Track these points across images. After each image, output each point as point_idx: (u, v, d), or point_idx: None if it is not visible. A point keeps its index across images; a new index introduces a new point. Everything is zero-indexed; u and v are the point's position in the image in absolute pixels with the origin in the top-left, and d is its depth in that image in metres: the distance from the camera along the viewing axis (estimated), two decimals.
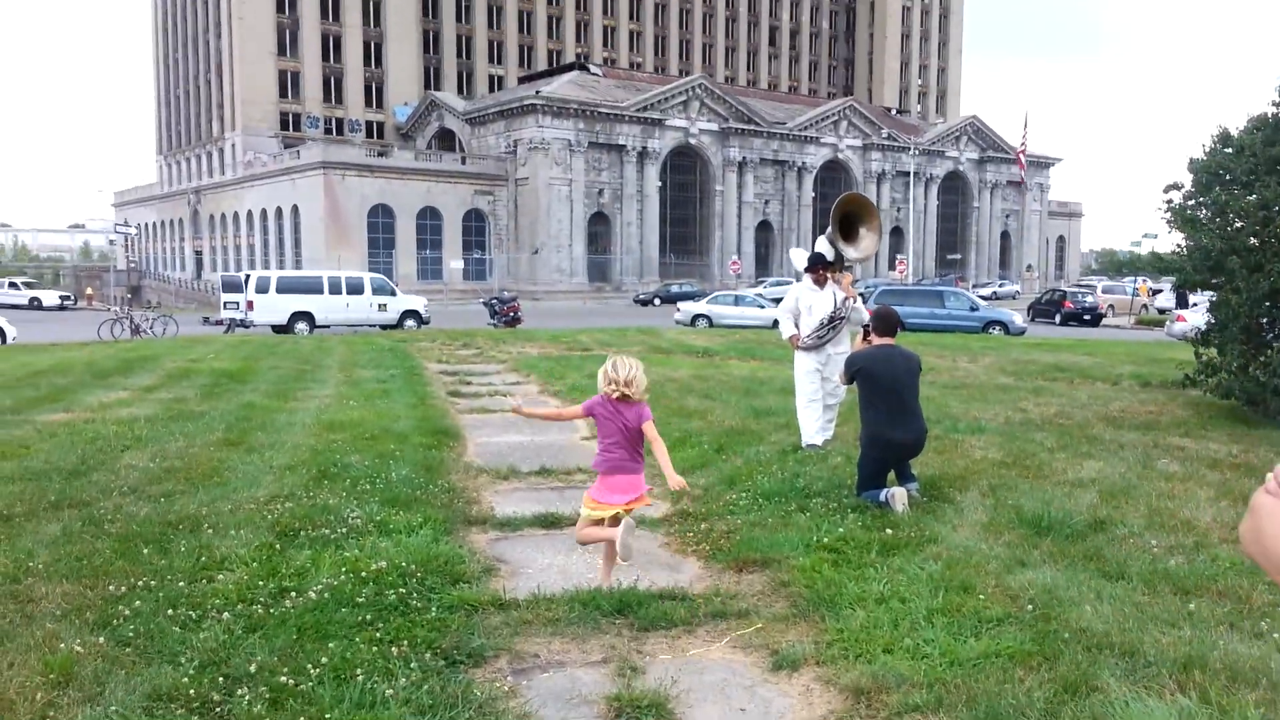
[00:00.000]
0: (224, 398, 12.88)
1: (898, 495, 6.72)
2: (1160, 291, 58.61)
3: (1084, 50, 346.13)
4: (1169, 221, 12.20)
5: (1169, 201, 12.42)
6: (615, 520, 5.16)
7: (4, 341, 27.25)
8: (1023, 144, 71.17)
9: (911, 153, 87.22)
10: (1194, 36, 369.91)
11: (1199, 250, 11.34)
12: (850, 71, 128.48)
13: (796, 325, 9.70)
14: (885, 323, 7.47)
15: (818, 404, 9.48)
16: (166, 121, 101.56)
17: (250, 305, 30.91)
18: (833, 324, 9.42)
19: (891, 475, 7.16)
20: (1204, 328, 12.77)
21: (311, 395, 13.22)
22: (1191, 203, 12.00)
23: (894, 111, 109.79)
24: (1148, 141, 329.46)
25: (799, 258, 9.97)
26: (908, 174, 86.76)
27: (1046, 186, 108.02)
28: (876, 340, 7.45)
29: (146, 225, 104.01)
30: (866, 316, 9.25)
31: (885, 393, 7.06)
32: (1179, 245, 12.63)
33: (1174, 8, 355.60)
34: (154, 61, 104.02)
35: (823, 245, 9.68)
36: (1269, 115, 11.24)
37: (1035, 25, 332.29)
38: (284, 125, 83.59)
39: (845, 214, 9.62)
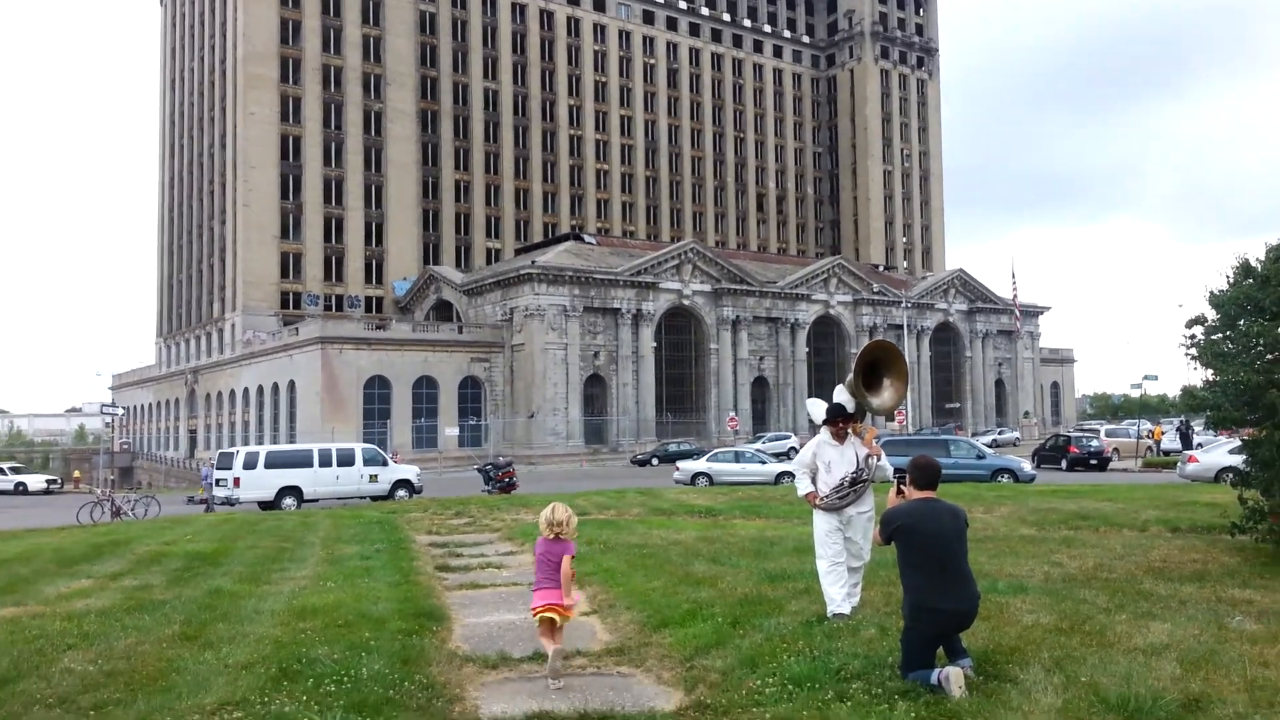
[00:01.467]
0: (192, 583, 11.87)
1: (953, 676, 5.73)
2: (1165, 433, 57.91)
3: (1060, 205, 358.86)
4: (1195, 357, 11.57)
5: (1192, 337, 11.85)
6: (551, 626, 7.10)
7: None
8: (1014, 294, 72.12)
9: (902, 306, 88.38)
10: (1162, 191, 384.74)
11: (1233, 385, 10.66)
12: (837, 232, 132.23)
13: (814, 482, 8.89)
14: (925, 473, 6.61)
15: (841, 568, 8.57)
16: (167, 305, 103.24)
17: (237, 482, 30.01)
18: (854, 485, 8.62)
19: (940, 650, 6.18)
20: (1243, 468, 11.96)
21: (287, 577, 12.22)
22: (1217, 336, 11.41)
23: (881, 268, 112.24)
24: (1128, 288, 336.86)
25: (816, 409, 9.21)
26: (899, 327, 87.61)
27: (1037, 334, 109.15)
28: (914, 493, 6.57)
29: (143, 407, 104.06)
30: (890, 473, 8.46)
31: (930, 555, 6.16)
32: (1206, 381, 11.96)
33: (1140, 169, 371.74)
34: (158, 249, 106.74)
35: (842, 395, 8.95)
36: None
37: (1011, 184, 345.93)
38: (284, 304, 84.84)
39: (871, 361, 8.93)
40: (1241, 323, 10.98)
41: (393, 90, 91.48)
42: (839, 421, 8.79)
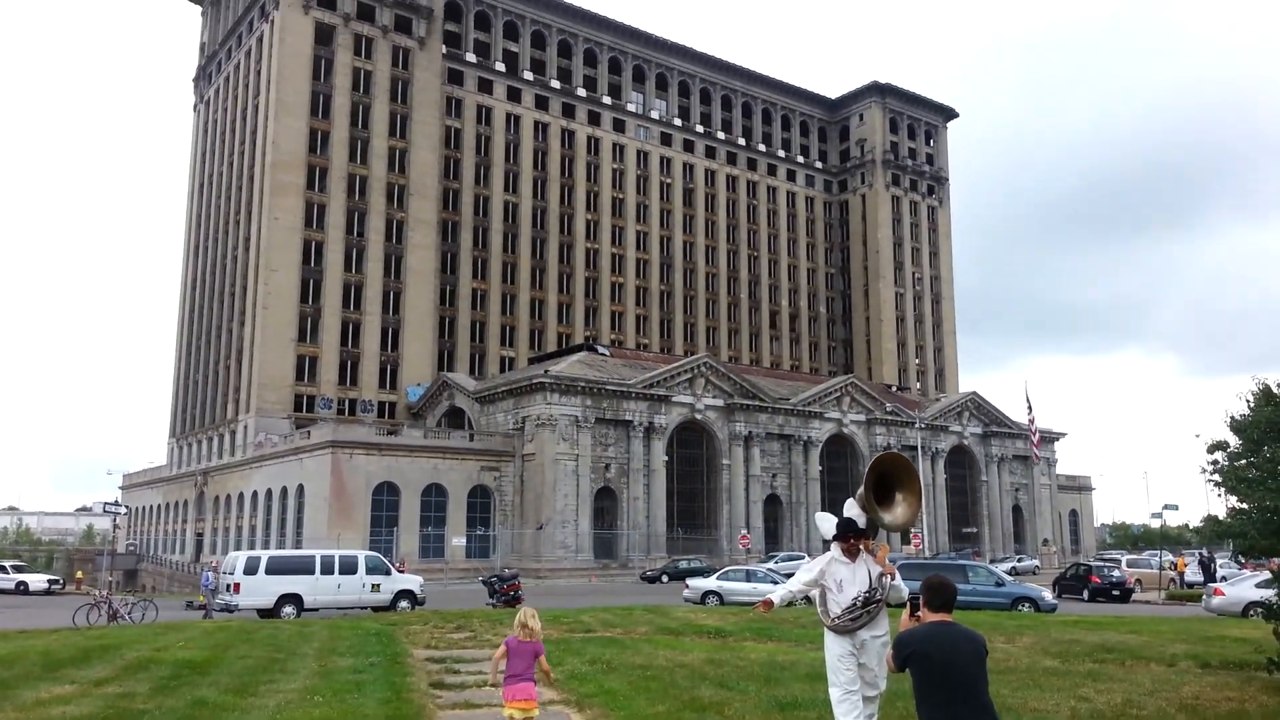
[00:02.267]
0: (177, 693, 11.40)
1: None
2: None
3: (1070, 334, 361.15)
4: (1219, 483, 11.24)
5: (1214, 462, 11.54)
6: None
7: None
8: (1030, 419, 71.59)
9: (916, 427, 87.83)
10: (1166, 321, 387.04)
11: (1260, 512, 10.30)
12: (849, 351, 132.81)
13: (825, 603, 8.50)
14: (940, 595, 6.18)
15: (855, 696, 8.10)
16: (182, 405, 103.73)
17: (236, 588, 29.39)
18: (867, 606, 8.22)
19: None
20: (1274, 601, 11.47)
21: (276, 689, 11.73)
22: (1241, 462, 11.10)
23: (894, 388, 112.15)
24: (1140, 418, 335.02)
25: (826, 524, 8.90)
26: (914, 448, 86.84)
27: (1053, 461, 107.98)
28: (929, 616, 6.15)
29: (152, 508, 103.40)
30: (905, 594, 8.08)
31: (946, 683, 5.74)
32: (1231, 509, 11.58)
33: (1149, 301, 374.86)
34: (176, 348, 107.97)
35: (853, 509, 8.65)
36: None
37: (1021, 312, 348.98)
38: (298, 407, 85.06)
39: (880, 475, 8.65)
40: (1266, 449, 10.68)
41: (415, 200, 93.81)
42: (850, 538, 8.46)
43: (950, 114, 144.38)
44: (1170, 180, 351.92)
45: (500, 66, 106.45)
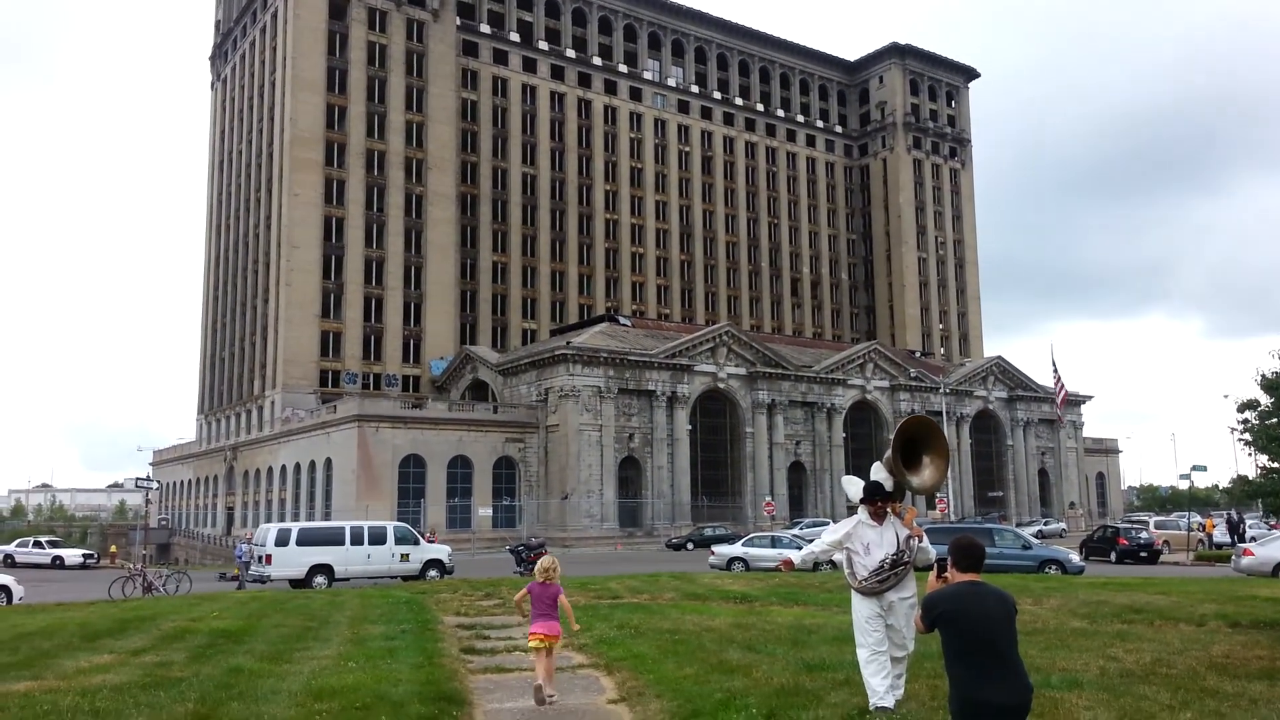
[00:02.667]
0: (213, 660, 11.60)
1: None
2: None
3: (1094, 297, 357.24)
4: (1249, 442, 11.11)
5: (1245, 422, 11.40)
6: (548, 652, 9.41)
7: (9, 601, 26.12)
8: (1056, 381, 70.92)
9: (940, 393, 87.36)
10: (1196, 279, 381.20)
11: None
12: (872, 318, 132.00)
13: (850, 565, 8.50)
14: (968, 555, 6.13)
15: (883, 656, 8.12)
16: (209, 382, 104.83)
17: (268, 559, 29.81)
18: (895, 568, 8.21)
19: None
20: None
21: (310, 656, 11.91)
22: (1272, 421, 10.96)
23: (918, 354, 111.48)
24: (1166, 380, 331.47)
25: (853, 487, 8.87)
26: (938, 413, 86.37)
27: (1080, 424, 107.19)
28: (958, 576, 6.12)
29: (183, 483, 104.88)
30: (933, 556, 8.05)
31: (976, 643, 5.72)
32: (1262, 468, 11.45)
33: (1173, 263, 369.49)
34: (202, 326, 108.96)
35: (880, 473, 8.62)
36: None
37: (1044, 275, 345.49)
38: (323, 382, 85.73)
39: (908, 439, 8.61)
40: None
41: (433, 174, 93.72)
42: (877, 501, 8.44)
43: (971, 74, 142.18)
44: (1193, 138, 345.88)
45: (515, 37, 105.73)
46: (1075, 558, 33.04)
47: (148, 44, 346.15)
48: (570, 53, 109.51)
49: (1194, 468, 49.56)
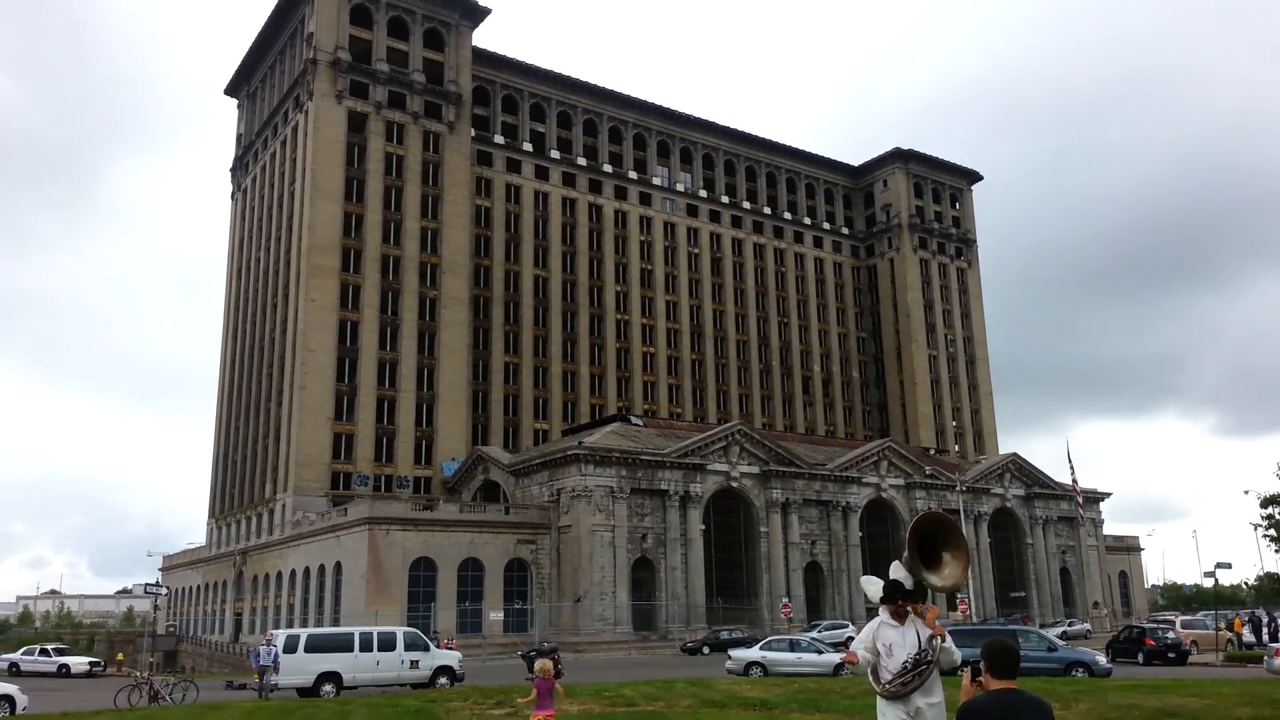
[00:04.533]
0: None
1: None
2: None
3: (1107, 394, 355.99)
4: (1275, 538, 10.97)
5: (1269, 517, 11.28)
6: None
7: (13, 711, 25.64)
8: (1073, 479, 70.29)
9: (956, 490, 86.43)
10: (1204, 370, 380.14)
11: None
12: (884, 415, 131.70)
13: (874, 670, 8.33)
14: (1003, 659, 5.88)
15: None
16: (221, 486, 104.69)
17: (276, 667, 29.26)
18: (918, 668, 8.02)
19: None
20: None
21: None
22: None
23: (932, 451, 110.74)
24: (1182, 477, 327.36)
25: (872, 587, 8.76)
26: (955, 511, 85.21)
27: (1099, 521, 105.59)
28: (992, 683, 5.88)
29: (192, 589, 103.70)
30: (958, 657, 7.91)
31: None
32: None
33: (1185, 359, 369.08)
34: (215, 430, 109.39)
35: (898, 572, 8.53)
36: None
37: (1056, 372, 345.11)
38: (335, 484, 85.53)
39: (924, 536, 8.55)
40: None
41: (447, 278, 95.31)
42: (898, 599, 8.32)
43: (975, 177, 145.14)
44: (1199, 234, 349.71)
45: (528, 146, 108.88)
46: (1102, 659, 32.25)
47: (174, 154, 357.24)
48: (581, 160, 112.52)
49: (1218, 565, 48.53)
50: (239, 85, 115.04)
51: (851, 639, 56.06)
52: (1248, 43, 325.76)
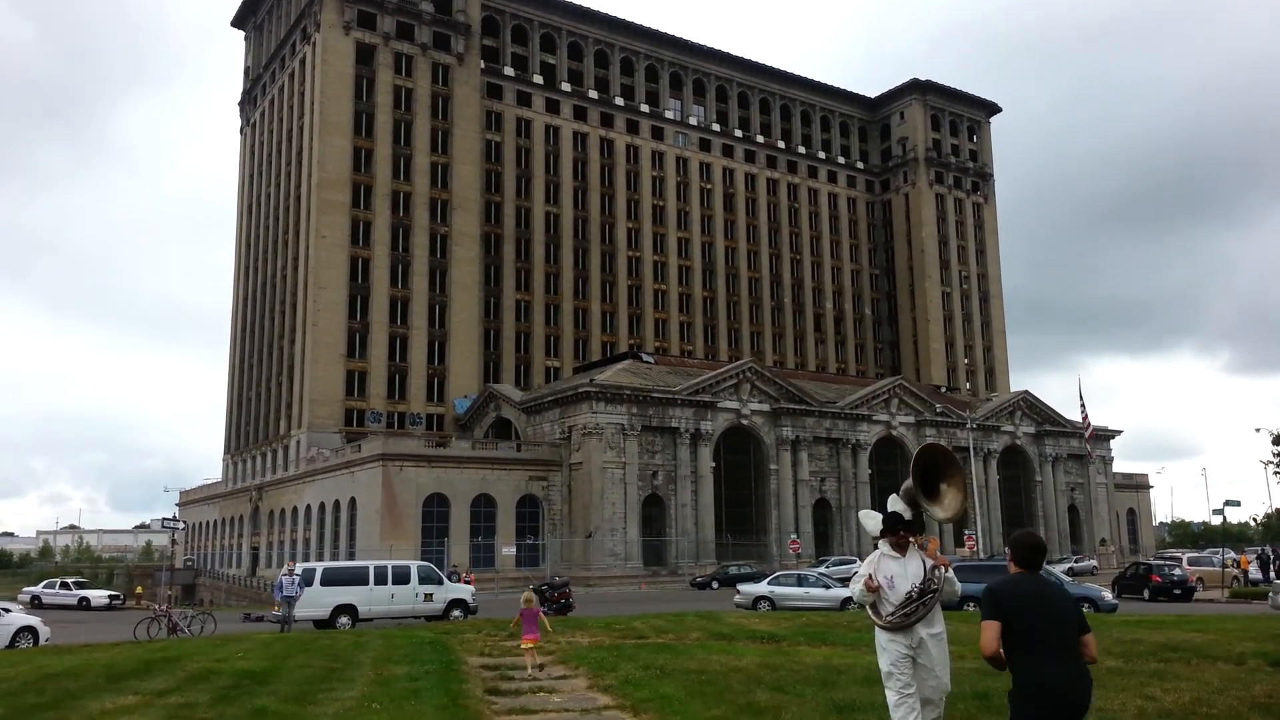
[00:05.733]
0: (237, 702, 11.57)
1: None
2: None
3: (1121, 330, 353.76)
4: None
5: (1279, 455, 11.16)
6: (534, 652, 15.53)
7: (36, 642, 26.22)
8: (1084, 416, 70.16)
9: (967, 428, 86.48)
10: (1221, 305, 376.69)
11: None
12: (896, 353, 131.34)
13: (877, 605, 8.30)
14: (1028, 551, 6.25)
15: (913, 699, 7.90)
16: (236, 422, 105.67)
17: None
18: (923, 598, 8.00)
19: None
20: None
21: (334, 698, 11.85)
22: None
23: (944, 389, 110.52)
24: (1195, 414, 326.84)
25: (870, 520, 8.74)
26: (965, 449, 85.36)
27: (1109, 459, 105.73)
28: (1017, 569, 6.25)
29: (209, 524, 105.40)
30: (959, 589, 7.90)
31: (1040, 627, 5.72)
32: None
33: (1200, 295, 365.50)
34: (229, 368, 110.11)
35: (897, 504, 8.49)
36: None
37: (1070, 309, 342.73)
38: (348, 421, 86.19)
39: (926, 467, 8.49)
40: None
41: (458, 215, 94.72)
42: (899, 530, 8.29)
43: (993, 109, 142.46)
44: (1216, 170, 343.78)
45: (538, 79, 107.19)
46: (1108, 595, 32.49)
47: (182, 88, 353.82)
48: (593, 93, 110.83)
49: (1226, 503, 48.66)
50: (246, 16, 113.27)
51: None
52: None
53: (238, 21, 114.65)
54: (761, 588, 37.33)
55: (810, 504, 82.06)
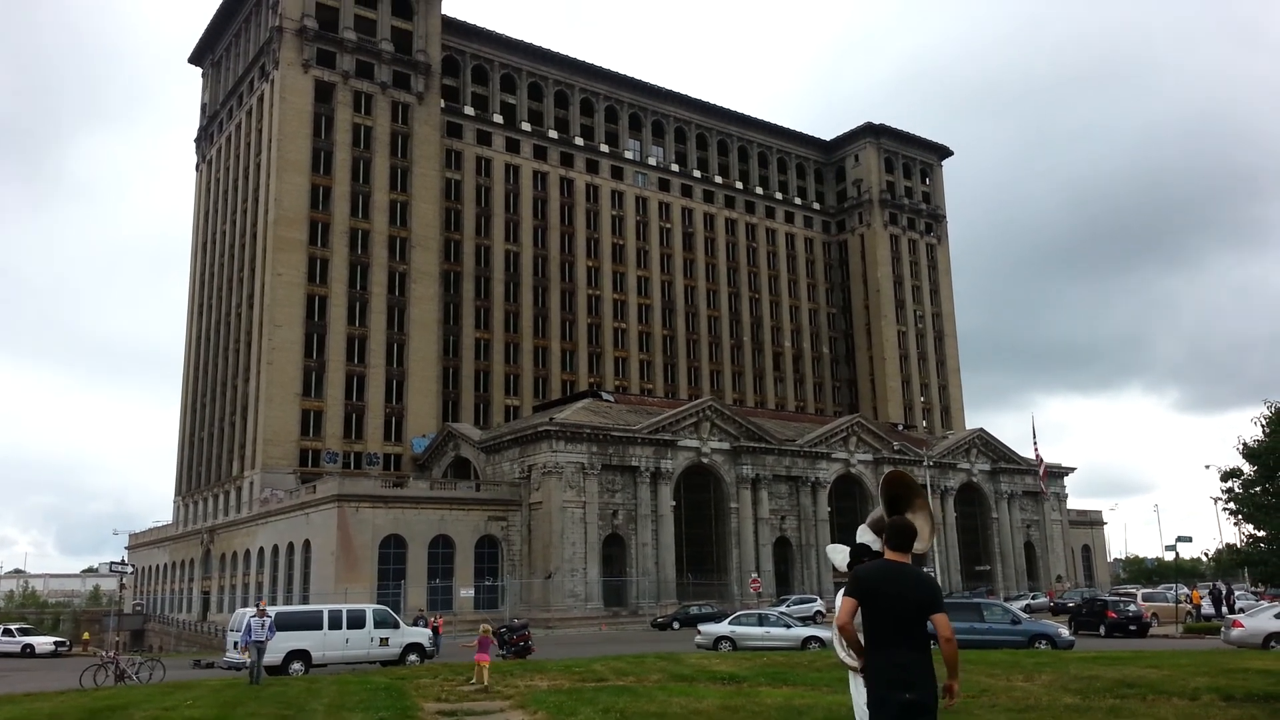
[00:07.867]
0: None
1: None
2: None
3: (1072, 370, 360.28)
4: (1234, 511, 11.14)
5: (1229, 491, 11.45)
6: (481, 671, 20.12)
7: None
8: (1037, 454, 71.22)
9: (924, 465, 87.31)
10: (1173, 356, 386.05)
11: None
12: (854, 391, 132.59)
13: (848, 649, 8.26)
14: (901, 535, 6.42)
15: None
16: (188, 463, 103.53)
17: (244, 648, 28.97)
18: None
19: None
20: None
21: None
22: (1256, 490, 11.01)
23: (900, 427, 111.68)
24: (1146, 452, 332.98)
25: (838, 554, 8.76)
26: (923, 486, 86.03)
27: (1064, 496, 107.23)
28: (891, 555, 6.38)
29: (159, 567, 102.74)
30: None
31: (890, 621, 5.97)
32: (1250, 537, 11.46)
33: (1148, 336, 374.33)
34: (181, 407, 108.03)
35: (865, 535, 8.53)
36: None
37: (1022, 349, 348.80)
38: (303, 461, 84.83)
39: (891, 498, 8.54)
40: None
41: (417, 253, 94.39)
42: (865, 561, 8.30)
43: (945, 152, 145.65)
44: (1162, 213, 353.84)
45: (498, 118, 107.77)
46: (1065, 632, 32.75)
47: (135, 124, 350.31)
48: (553, 133, 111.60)
49: (1179, 539, 49.45)
50: (204, 53, 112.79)
51: (820, 613, 56.58)
52: (1210, 32, 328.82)
53: (195, 58, 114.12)
54: (723, 628, 37.16)
55: (771, 542, 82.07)
